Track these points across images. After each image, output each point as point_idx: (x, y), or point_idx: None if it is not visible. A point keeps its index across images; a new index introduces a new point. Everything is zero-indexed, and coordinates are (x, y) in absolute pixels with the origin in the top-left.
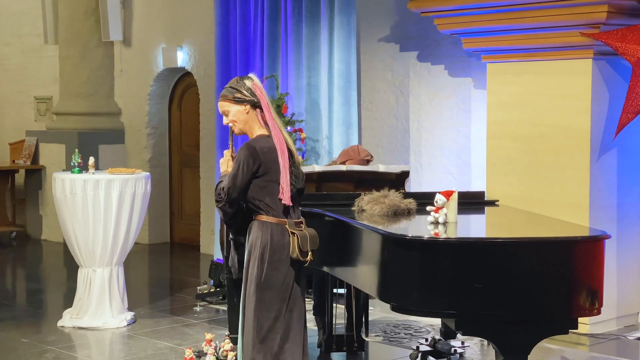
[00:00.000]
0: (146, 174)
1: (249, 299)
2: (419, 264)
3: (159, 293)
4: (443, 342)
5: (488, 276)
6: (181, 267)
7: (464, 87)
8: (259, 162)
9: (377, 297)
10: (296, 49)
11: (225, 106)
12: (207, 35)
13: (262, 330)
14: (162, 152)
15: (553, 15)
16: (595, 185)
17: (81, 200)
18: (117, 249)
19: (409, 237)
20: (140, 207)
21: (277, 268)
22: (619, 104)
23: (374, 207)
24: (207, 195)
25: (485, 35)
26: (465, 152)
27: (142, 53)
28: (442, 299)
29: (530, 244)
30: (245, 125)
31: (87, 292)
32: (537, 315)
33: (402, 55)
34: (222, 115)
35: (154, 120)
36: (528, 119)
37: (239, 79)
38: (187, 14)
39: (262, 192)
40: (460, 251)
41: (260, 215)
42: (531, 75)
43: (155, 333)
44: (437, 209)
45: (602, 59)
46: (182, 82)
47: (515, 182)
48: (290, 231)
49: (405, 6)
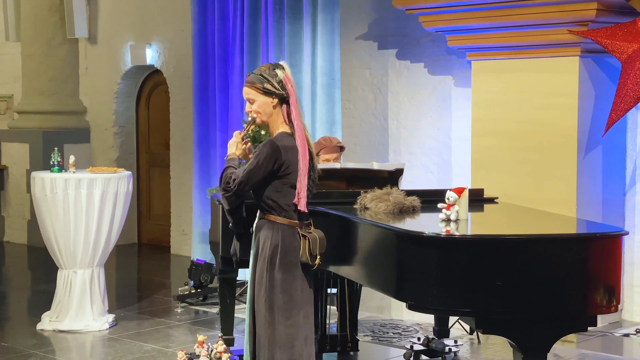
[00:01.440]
0: (128, 173)
1: (259, 302)
2: (437, 262)
3: (135, 295)
4: (437, 341)
5: (507, 273)
6: (153, 269)
7: (444, 85)
8: (280, 162)
9: (392, 296)
10: (277, 47)
11: (252, 94)
12: (177, 33)
13: (278, 336)
14: (130, 151)
15: (541, 12)
16: (582, 183)
17: (62, 200)
18: (99, 249)
19: (426, 235)
20: (122, 207)
21: (290, 271)
22: (605, 102)
23: (379, 205)
24: (178, 195)
25: (471, 33)
26: (446, 150)
27: (108, 50)
28: (461, 297)
29: (550, 241)
30: (269, 118)
31: (68, 294)
32: (556, 312)
33: (381, 53)
34: (200, 113)
35: (121, 119)
36: (514, 117)
37: (271, 67)
38: (156, 11)
39: (278, 193)
40: (479, 248)
41: (270, 215)
42: (517, 72)
43: (139, 335)
44: (448, 206)
45: (589, 57)
46: (150, 80)
47: (500, 180)
48: (301, 234)
49: (384, 4)
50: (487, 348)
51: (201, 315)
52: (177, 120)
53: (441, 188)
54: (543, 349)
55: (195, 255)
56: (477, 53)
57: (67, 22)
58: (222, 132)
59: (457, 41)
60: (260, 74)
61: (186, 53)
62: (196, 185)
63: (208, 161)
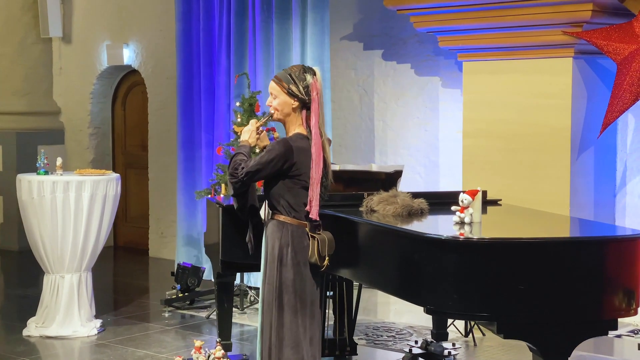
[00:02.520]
0: (117, 175)
1: (269, 304)
2: (456, 266)
3: (119, 299)
4: (435, 344)
5: (528, 277)
6: (132, 272)
7: (431, 86)
8: (291, 162)
9: (409, 300)
10: (265, 47)
11: (275, 90)
12: (156, 33)
13: (288, 336)
14: (106, 152)
15: (535, 13)
16: (574, 184)
17: (50, 203)
18: (87, 253)
19: (445, 238)
20: (110, 210)
21: (300, 272)
22: (596, 103)
23: (387, 208)
24: (157, 197)
25: (463, 34)
26: (433, 151)
27: (83, 50)
28: (481, 301)
29: (571, 244)
30: (286, 118)
31: (54, 299)
32: (576, 316)
33: (366, 53)
34: (185, 114)
35: (96, 120)
36: (506, 118)
37: (302, 69)
38: (134, 10)
39: (288, 192)
40: (499, 252)
41: (280, 214)
42: (509, 74)
43: (130, 341)
44: (462, 209)
45: (581, 58)
46: (127, 80)
47: (492, 181)
48: (310, 235)
49: (370, 4)
50: (484, 351)
51: (190, 320)
52: (155, 121)
53: (445, 190)
54: (564, 353)
55: (180, 258)
56: (469, 54)
57: (40, 21)
58: (207, 133)
59: (448, 42)
60: (290, 74)
61: (165, 53)
62: (181, 187)
63: (193, 162)
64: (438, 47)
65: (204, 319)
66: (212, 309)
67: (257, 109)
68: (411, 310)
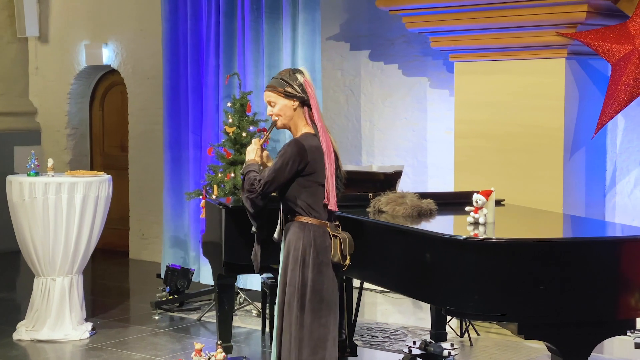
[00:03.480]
0: (108, 176)
1: (290, 305)
2: (477, 266)
3: (105, 302)
4: (435, 345)
5: (547, 277)
6: (113, 274)
7: (419, 87)
8: (306, 161)
9: (428, 301)
10: (255, 47)
11: (273, 97)
12: (137, 32)
13: (310, 338)
14: (83, 153)
15: (528, 14)
16: (567, 184)
17: (42, 204)
18: (79, 256)
19: (464, 239)
20: (103, 212)
21: (321, 272)
22: (588, 104)
23: (397, 208)
24: (137, 198)
25: (455, 34)
26: (422, 152)
27: (61, 50)
28: (502, 302)
29: (591, 244)
30: (290, 121)
31: (45, 302)
32: (596, 316)
33: (353, 54)
34: (171, 115)
35: (74, 120)
36: (498, 119)
37: (291, 71)
38: (113, 9)
39: (305, 192)
40: (520, 252)
41: (300, 216)
42: (501, 74)
43: (123, 344)
44: (476, 209)
45: (574, 59)
46: (105, 80)
47: (484, 182)
48: (332, 234)
49: (356, 5)
50: (481, 350)
51: (181, 322)
52: (136, 121)
53: (451, 191)
54: (584, 353)
55: (167, 260)
56: (461, 54)
57: (17, 20)
58: (195, 134)
59: (440, 42)
60: (281, 78)
61: (146, 53)
62: (167, 189)
63: (180, 163)
64: (426, 48)
65: (195, 321)
66: (204, 310)
67: (249, 109)
68: (400, 310)
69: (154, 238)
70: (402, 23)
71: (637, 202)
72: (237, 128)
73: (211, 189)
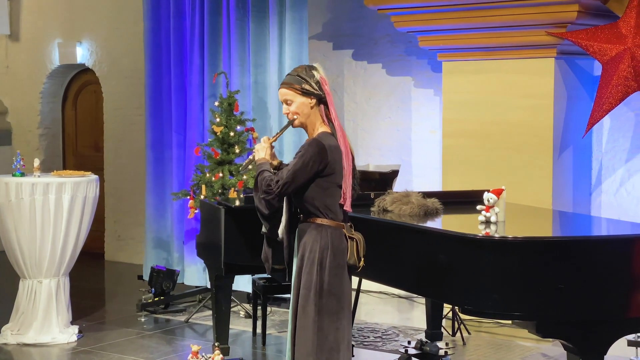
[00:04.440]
0: (96, 176)
1: (305, 307)
2: (496, 265)
3: (86, 305)
4: (431, 345)
5: (566, 276)
6: (90, 276)
7: (403, 86)
8: (326, 161)
9: (445, 301)
10: (240, 45)
11: (290, 95)
12: (112, 31)
13: (326, 341)
14: (56, 153)
15: (518, 14)
16: (556, 183)
17: (29, 205)
18: (66, 257)
19: (480, 238)
20: (90, 212)
21: (338, 274)
22: (575, 103)
23: (403, 208)
24: (113, 199)
25: (444, 34)
26: (406, 151)
27: (32, 48)
28: (521, 301)
29: (609, 242)
30: (307, 120)
31: (32, 305)
32: (613, 314)
33: (336, 53)
34: (154, 114)
35: (46, 120)
36: (486, 118)
37: (308, 68)
38: (87, 7)
39: (323, 193)
40: (537, 250)
41: (316, 217)
42: (490, 73)
43: (113, 347)
44: (487, 208)
45: (562, 59)
46: (77, 79)
47: (473, 181)
48: (348, 236)
49: (339, 4)
50: (475, 350)
51: (167, 324)
52: (111, 121)
53: (457, 190)
54: (601, 351)
55: (149, 261)
56: (449, 54)
57: None
58: (178, 134)
59: (428, 42)
60: (298, 75)
61: (122, 52)
62: (150, 189)
63: (162, 163)
64: (410, 47)
65: (182, 323)
66: (189, 312)
67: (237, 108)
68: (384, 310)
69: (130, 239)
70: (386, 22)
71: (623, 200)
72: (224, 127)
73: (199, 189)
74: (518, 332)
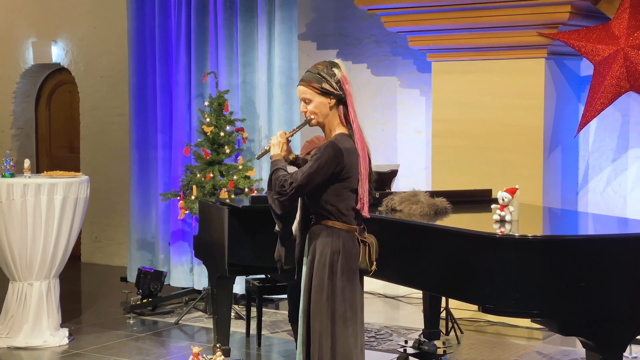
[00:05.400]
0: (86, 177)
1: (318, 311)
2: (518, 264)
3: (70, 307)
4: (429, 344)
5: (587, 274)
6: (68, 278)
7: (389, 86)
8: (342, 165)
9: (464, 300)
10: (228, 45)
11: (308, 94)
12: (89, 29)
13: (340, 346)
14: (29, 154)
15: (510, 14)
16: (547, 182)
17: (20, 206)
18: (57, 259)
19: (499, 236)
20: (81, 213)
21: (351, 278)
22: (564, 103)
23: (413, 207)
24: (90, 200)
25: (434, 34)
26: (392, 151)
27: (5, 47)
28: (544, 300)
29: (629, 240)
30: (325, 120)
31: (22, 308)
32: (632, 311)
33: (320, 53)
34: (138, 114)
35: (19, 120)
36: (477, 118)
37: (329, 65)
38: (62, 6)
39: (336, 197)
40: (559, 249)
41: (328, 220)
42: (480, 74)
43: (107, 349)
44: (502, 207)
45: (552, 59)
46: (51, 79)
47: (463, 180)
48: (360, 239)
49: (323, 4)
50: (470, 348)
51: (157, 326)
52: (87, 121)
53: (461, 189)
54: (620, 348)
55: (134, 262)
56: (439, 54)
57: None
58: (164, 134)
59: (418, 42)
60: (318, 73)
61: (98, 50)
62: (134, 190)
63: (147, 164)
64: (395, 47)
65: (171, 325)
66: (179, 313)
67: (227, 108)
68: (373, 310)
69: (109, 241)
70: (371, 23)
71: (609, 199)
72: (214, 127)
73: (189, 189)
74: (508, 330)
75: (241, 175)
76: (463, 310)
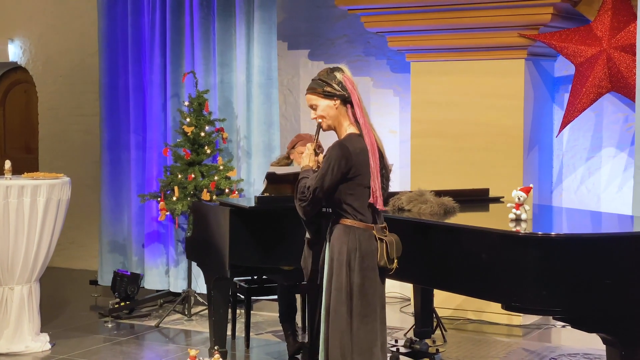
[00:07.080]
0: (68, 178)
1: (337, 309)
2: (543, 262)
3: (43, 312)
4: (420, 342)
5: (611, 271)
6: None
7: (362, 87)
8: (351, 164)
9: (489, 298)
10: (205, 45)
11: (314, 100)
12: (48, 28)
13: (359, 343)
14: None
15: (491, 15)
16: (526, 182)
17: (2, 209)
18: (39, 263)
19: (523, 235)
20: (63, 216)
21: (368, 276)
22: (541, 104)
23: (422, 207)
24: None
25: (415, 34)
26: None
27: None
28: (570, 297)
29: None
30: (334, 121)
31: (2, 313)
32: None
33: (291, 53)
34: (110, 114)
35: None
36: (456, 118)
37: (330, 70)
38: (20, 2)
39: (350, 195)
40: (583, 247)
41: (345, 219)
42: (459, 74)
43: (92, 354)
44: (517, 206)
45: (530, 60)
46: (6, 78)
47: (442, 180)
48: (378, 237)
49: (293, 4)
50: (457, 346)
51: (136, 329)
52: (46, 122)
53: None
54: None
55: (105, 265)
56: (419, 54)
57: None
58: (137, 134)
59: (397, 42)
60: (319, 79)
61: (58, 49)
62: (105, 192)
63: (120, 165)
64: (369, 48)
65: (152, 328)
66: (157, 316)
67: (207, 108)
68: None
69: (69, 244)
70: (344, 23)
71: (583, 198)
72: (195, 128)
73: (170, 190)
74: (488, 327)
75: (222, 176)
76: (443, 308)
